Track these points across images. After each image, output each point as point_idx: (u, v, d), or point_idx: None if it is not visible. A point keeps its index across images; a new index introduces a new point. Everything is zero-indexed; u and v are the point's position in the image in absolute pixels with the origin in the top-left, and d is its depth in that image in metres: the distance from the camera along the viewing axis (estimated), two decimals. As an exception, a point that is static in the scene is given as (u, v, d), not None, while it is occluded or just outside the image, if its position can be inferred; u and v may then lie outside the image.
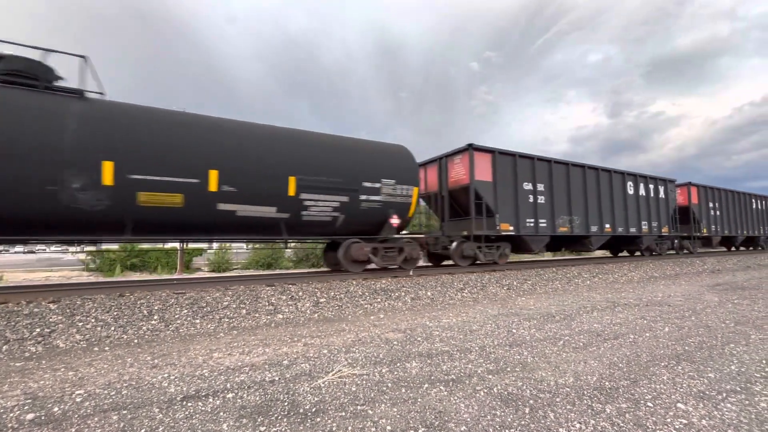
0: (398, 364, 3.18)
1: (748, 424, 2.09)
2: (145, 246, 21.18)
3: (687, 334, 4.10)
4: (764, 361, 3.18)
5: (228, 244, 23.71)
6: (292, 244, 10.35)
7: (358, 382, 2.78)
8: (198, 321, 4.74)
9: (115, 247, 21.05)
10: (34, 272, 21.36)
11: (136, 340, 4.16)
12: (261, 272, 15.25)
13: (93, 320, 4.38)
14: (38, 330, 4.05)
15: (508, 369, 3.01)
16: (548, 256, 28.99)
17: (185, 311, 4.89)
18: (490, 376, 2.84)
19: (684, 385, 2.65)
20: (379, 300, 6.16)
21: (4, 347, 3.74)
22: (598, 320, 4.88)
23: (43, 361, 3.47)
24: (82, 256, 25.47)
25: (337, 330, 4.56)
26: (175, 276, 13.60)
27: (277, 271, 15.77)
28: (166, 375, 3.01)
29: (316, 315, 5.38)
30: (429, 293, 6.73)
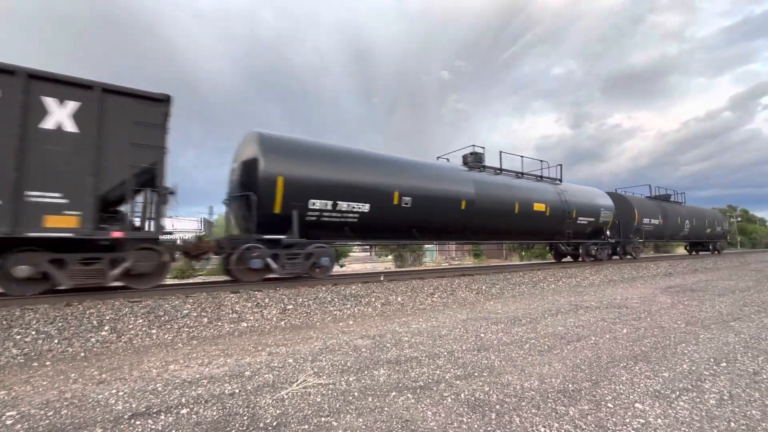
0: (366, 372, 3.10)
1: (699, 422, 2.17)
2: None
3: (643, 335, 4.29)
4: (712, 360, 3.36)
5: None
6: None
7: (324, 392, 2.68)
8: (154, 331, 4.45)
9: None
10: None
11: (83, 354, 3.84)
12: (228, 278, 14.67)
13: (33, 332, 4.01)
14: (-33, 344, 3.65)
15: (476, 374, 3.01)
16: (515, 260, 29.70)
17: (140, 321, 4.58)
18: (458, 382, 2.83)
19: (641, 385, 2.74)
20: (348, 306, 6.05)
21: (-75, 365, 3.34)
22: (562, 323, 5.01)
23: (-29, 380, 3.12)
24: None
25: (304, 338, 4.42)
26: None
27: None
28: (114, 391, 2.78)
29: (282, 323, 5.20)
30: (399, 298, 6.70)
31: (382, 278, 7.89)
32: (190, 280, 14.58)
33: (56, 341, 3.95)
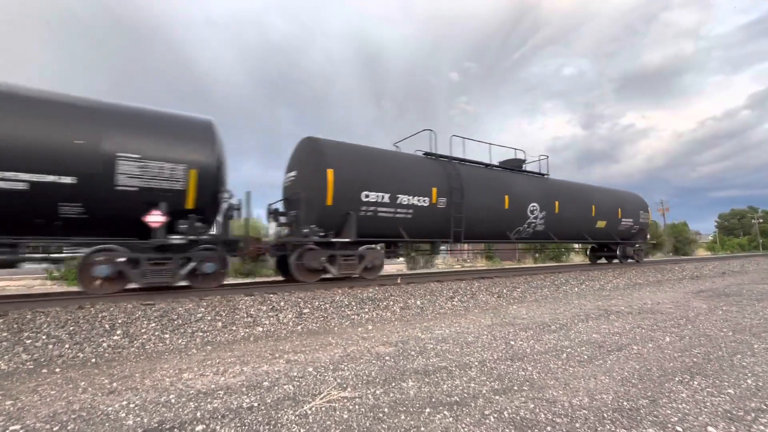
0: (393, 384, 2.86)
1: (791, 451, 1.87)
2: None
3: (689, 344, 3.95)
4: (778, 374, 3.02)
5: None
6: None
7: (350, 407, 2.44)
8: (167, 336, 4.28)
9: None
10: (-9, 281, 19.90)
11: (93, 359, 3.68)
12: (240, 280, 14.61)
13: (44, 337, 3.86)
14: (-24, 349, 3.52)
15: (515, 388, 2.74)
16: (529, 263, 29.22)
17: (153, 325, 4.41)
18: (498, 397, 2.56)
19: (707, 403, 2.44)
20: (366, 310, 5.81)
21: (-68, 371, 3.20)
22: (596, 330, 4.69)
23: (-22, 388, 2.96)
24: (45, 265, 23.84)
25: (323, 344, 4.20)
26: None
27: (258, 279, 15.14)
28: (124, 402, 2.59)
29: (299, 327, 4.98)
30: (419, 302, 6.44)
31: (399, 281, 7.64)
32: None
33: (67, 346, 3.80)
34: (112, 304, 4.79)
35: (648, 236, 15.82)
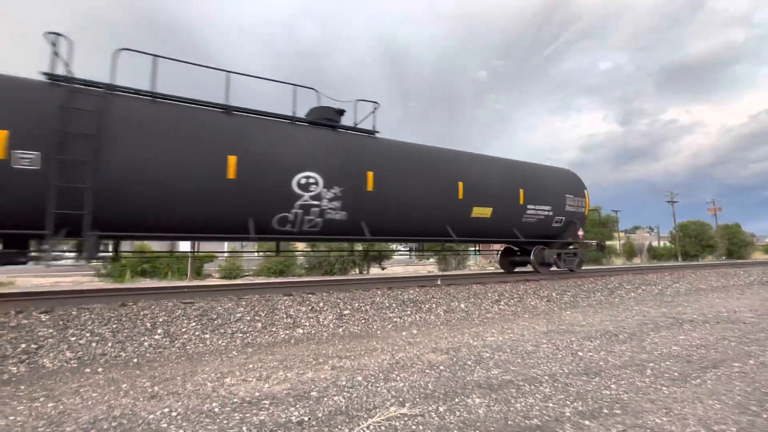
0: (457, 400, 2.51)
1: None
2: (156, 251, 20.87)
3: (800, 361, 3.34)
4: None
5: (240, 250, 23.38)
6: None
7: (413, 427, 2.12)
8: (208, 336, 4.13)
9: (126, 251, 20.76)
10: (44, 278, 21.18)
11: (135, 359, 3.57)
12: (274, 280, 14.68)
13: (88, 334, 3.80)
14: (23, 346, 3.48)
15: (605, 411, 2.31)
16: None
17: (193, 324, 4.29)
18: (589, 423, 2.15)
19: None
20: (408, 312, 5.48)
21: (-18, 367, 3.17)
22: (673, 341, 4.13)
23: (22, 386, 2.88)
24: (94, 262, 25.16)
25: (367, 349, 3.90)
26: (185, 283, 13.15)
27: (291, 279, 15.19)
28: (166, 410, 2.39)
29: (340, 330, 4.73)
30: (462, 305, 6.03)
31: (439, 282, 7.25)
32: (237, 281, 14.74)
33: (110, 344, 3.71)
34: (153, 301, 4.72)
35: (581, 233, 10.06)
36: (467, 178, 7.97)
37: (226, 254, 23.09)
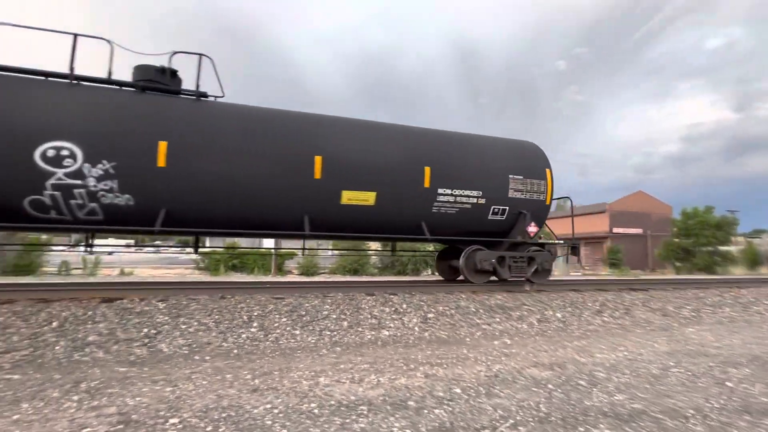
0: (581, 429, 2.13)
1: None
2: (245, 248, 22.90)
3: None
4: None
5: (317, 248, 24.61)
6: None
7: (536, 458, 1.82)
8: (298, 332, 4.23)
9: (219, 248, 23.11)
10: (158, 269, 24.45)
11: (235, 350, 3.76)
12: (349, 278, 15.08)
13: (196, 323, 4.12)
14: (145, 330, 3.88)
15: (799, 468, 1.77)
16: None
17: (284, 319, 4.43)
18: (780, 483, 1.65)
19: None
20: (498, 320, 5.09)
21: (114, 347, 3.58)
22: None
23: (146, 368, 3.17)
24: (194, 256, 28.46)
25: (458, 357, 3.64)
26: (269, 278, 14.10)
27: (366, 278, 15.45)
28: (268, 405, 2.40)
29: (426, 334, 4.53)
30: (559, 314, 5.44)
31: (527, 288, 6.67)
32: (314, 278, 15.40)
33: (213, 334, 3.97)
34: (248, 296, 5.00)
35: (533, 228, 7.21)
36: (330, 150, 5.92)
37: (304, 250, 24.48)
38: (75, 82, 5.20)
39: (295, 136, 5.96)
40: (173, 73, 5.72)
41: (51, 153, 4.74)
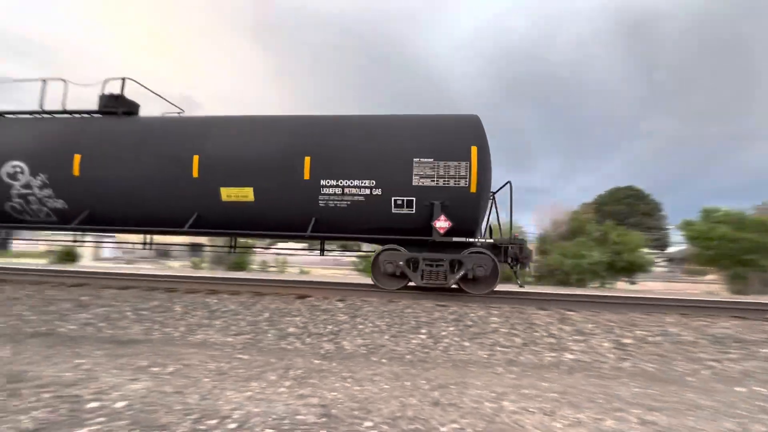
0: None
1: None
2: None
3: None
4: None
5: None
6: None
7: None
8: (467, 344, 4.03)
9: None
10: (327, 269, 28.28)
11: (408, 356, 3.81)
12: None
13: (370, 325, 4.39)
14: (330, 327, 4.33)
15: None
16: None
17: (452, 328, 4.31)
18: None
19: None
20: (733, 356, 3.78)
21: (308, 339, 4.10)
22: None
23: (334, 363, 3.49)
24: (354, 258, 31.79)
25: (683, 402, 2.78)
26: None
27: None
28: (455, 425, 2.25)
29: (626, 364, 3.69)
30: None
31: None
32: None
33: (386, 337, 4.14)
34: (413, 300, 5.10)
35: (444, 223, 5.38)
36: (208, 149, 6.14)
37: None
38: (37, 116, 7.02)
39: (176, 139, 6.41)
40: (116, 98, 6.96)
41: (11, 170, 6.49)
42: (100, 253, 24.58)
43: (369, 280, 6.83)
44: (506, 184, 6.39)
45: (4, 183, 6.54)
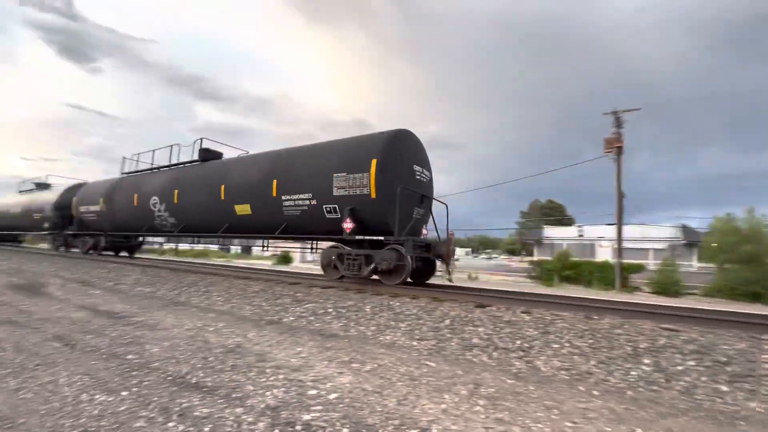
0: None
1: None
2: (576, 258, 21.20)
3: None
4: None
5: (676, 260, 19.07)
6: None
7: None
8: (726, 389, 2.91)
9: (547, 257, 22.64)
10: (495, 275, 27.09)
11: (629, 392, 3.01)
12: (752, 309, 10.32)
13: (567, 345, 3.73)
14: (518, 342, 3.89)
15: None
16: None
17: (691, 363, 3.22)
18: None
19: None
20: None
21: (494, 354, 3.78)
22: None
23: (531, 387, 3.05)
24: (525, 264, 29.56)
25: None
26: (611, 296, 12.04)
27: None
28: None
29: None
30: None
31: None
32: (679, 301, 11.66)
33: (592, 363, 3.42)
34: (622, 320, 4.12)
35: (348, 224, 7.11)
36: (229, 180, 9.13)
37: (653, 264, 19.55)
38: (164, 169, 11.99)
39: (214, 174, 9.68)
40: (206, 150, 11.00)
41: (153, 202, 11.11)
42: (305, 256, 30.34)
43: (550, 290, 6.07)
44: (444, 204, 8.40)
45: (151, 209, 11.13)
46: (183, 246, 29.79)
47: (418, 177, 7.62)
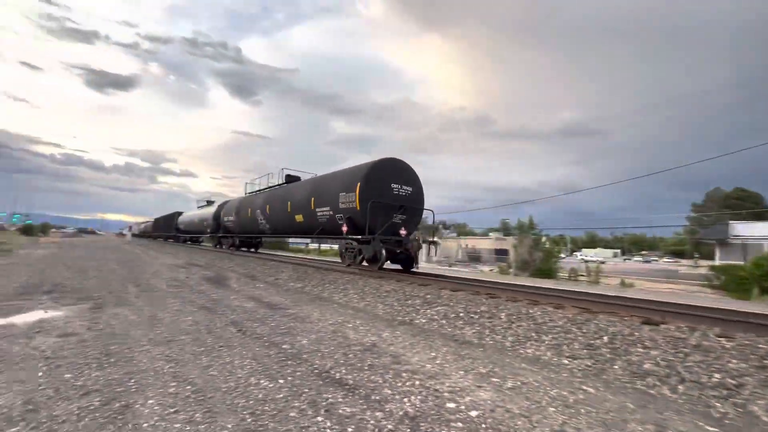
0: None
1: None
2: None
3: None
4: None
5: None
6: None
7: None
8: None
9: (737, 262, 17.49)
10: (654, 282, 22.44)
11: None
12: None
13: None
14: (717, 377, 2.96)
15: None
16: None
17: None
18: None
19: None
20: None
21: (680, 387, 2.95)
22: None
23: (748, 442, 2.24)
24: (702, 270, 23.73)
25: None
26: None
27: None
28: None
29: None
30: None
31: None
32: None
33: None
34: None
35: (344, 228, 11.10)
36: (292, 198, 13.80)
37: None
38: (264, 191, 18.06)
39: (284, 194, 14.74)
40: (289, 176, 16.38)
41: (258, 213, 16.65)
42: (431, 256, 30.62)
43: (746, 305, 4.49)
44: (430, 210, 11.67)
45: (257, 219, 16.49)
46: (293, 240, 38.74)
47: (395, 192, 10.53)
